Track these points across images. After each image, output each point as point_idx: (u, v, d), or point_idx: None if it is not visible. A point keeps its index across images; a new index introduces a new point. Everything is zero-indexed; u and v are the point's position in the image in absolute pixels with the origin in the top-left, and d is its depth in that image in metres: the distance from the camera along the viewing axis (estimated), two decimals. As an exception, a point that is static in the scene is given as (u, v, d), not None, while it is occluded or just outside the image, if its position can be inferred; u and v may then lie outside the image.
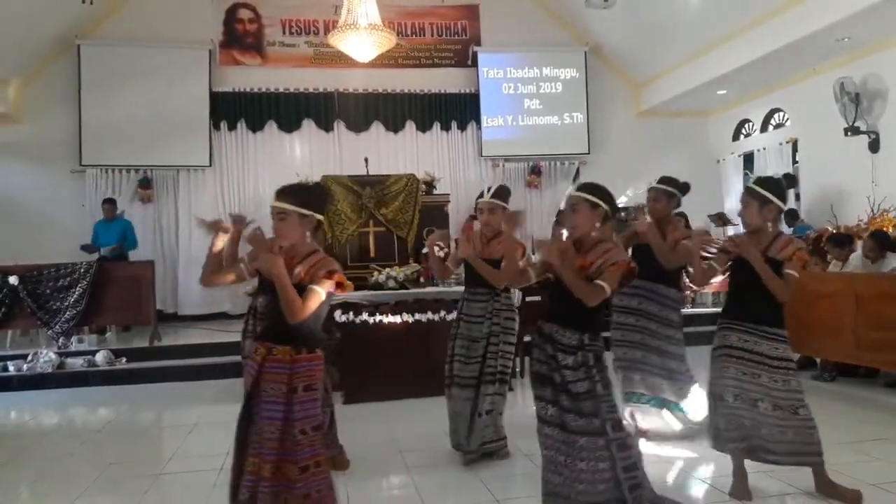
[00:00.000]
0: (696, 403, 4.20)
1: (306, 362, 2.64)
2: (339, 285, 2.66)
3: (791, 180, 3.62)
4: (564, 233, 3.30)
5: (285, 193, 2.74)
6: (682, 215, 9.71)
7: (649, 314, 4.27)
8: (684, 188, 4.38)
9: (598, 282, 2.81)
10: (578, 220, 2.96)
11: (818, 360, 6.16)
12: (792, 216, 9.37)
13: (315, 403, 2.64)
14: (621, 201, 10.70)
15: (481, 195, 4.08)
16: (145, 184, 10.32)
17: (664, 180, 4.36)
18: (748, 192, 3.38)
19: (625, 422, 2.87)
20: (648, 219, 4.36)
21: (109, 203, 9.11)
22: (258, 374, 2.63)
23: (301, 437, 2.57)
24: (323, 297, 2.62)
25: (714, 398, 3.38)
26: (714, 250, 3.66)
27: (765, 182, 3.39)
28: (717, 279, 3.84)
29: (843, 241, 6.49)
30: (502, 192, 4.09)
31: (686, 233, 4.14)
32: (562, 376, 2.82)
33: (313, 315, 2.64)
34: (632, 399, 4.38)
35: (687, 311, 8.77)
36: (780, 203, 3.34)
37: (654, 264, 4.08)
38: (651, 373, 4.28)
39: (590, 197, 2.96)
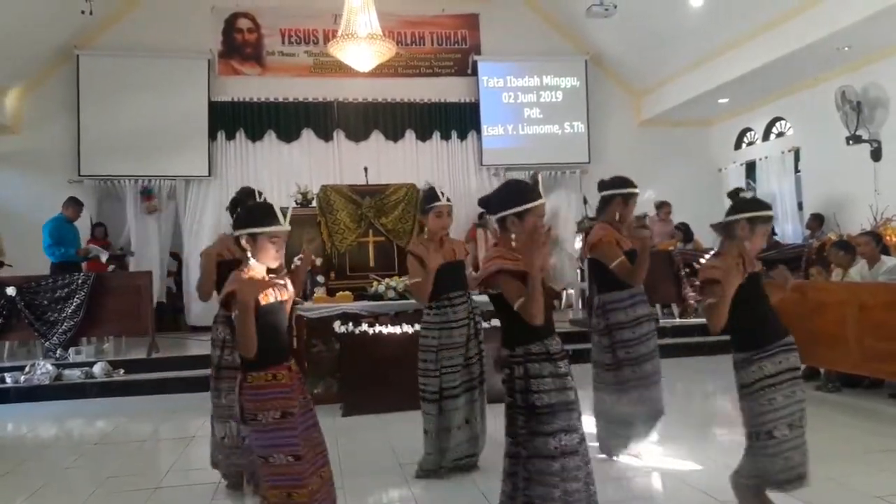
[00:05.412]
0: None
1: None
2: None
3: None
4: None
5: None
6: (685, 226, 9.79)
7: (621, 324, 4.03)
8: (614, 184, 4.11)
9: None
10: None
11: (822, 371, 6.11)
12: (818, 220, 9.33)
13: None
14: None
15: (437, 198, 3.97)
16: (148, 194, 10.31)
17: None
18: (769, 220, 2.99)
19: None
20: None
21: (79, 203, 8.60)
22: (293, 390, 2.67)
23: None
24: None
25: (756, 438, 2.85)
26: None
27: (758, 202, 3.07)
28: None
29: (847, 246, 6.46)
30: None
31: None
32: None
33: None
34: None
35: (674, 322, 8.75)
36: None
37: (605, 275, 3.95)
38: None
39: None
